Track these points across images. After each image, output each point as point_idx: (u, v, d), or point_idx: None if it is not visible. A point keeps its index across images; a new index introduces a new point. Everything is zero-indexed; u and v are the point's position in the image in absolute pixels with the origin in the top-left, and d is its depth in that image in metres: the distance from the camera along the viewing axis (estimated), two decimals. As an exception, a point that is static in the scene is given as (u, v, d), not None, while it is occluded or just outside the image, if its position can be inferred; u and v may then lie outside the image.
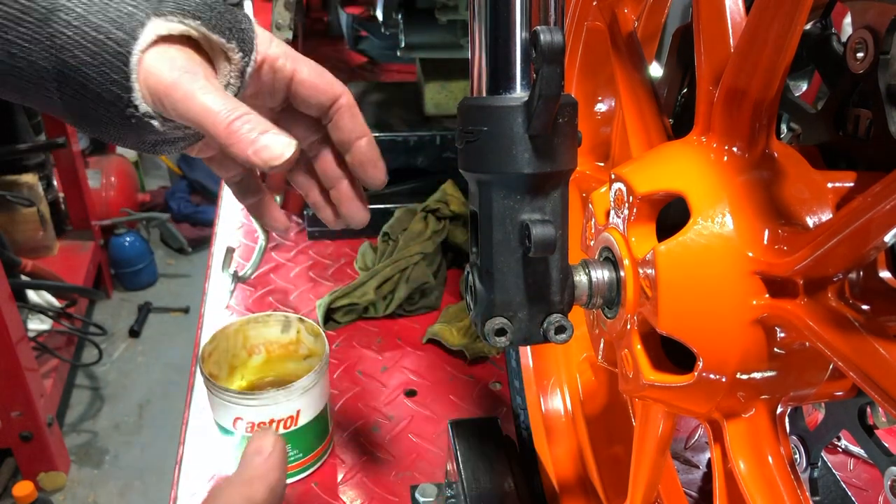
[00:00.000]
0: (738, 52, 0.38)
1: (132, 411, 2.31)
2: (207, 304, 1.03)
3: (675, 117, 0.59)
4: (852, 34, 0.43)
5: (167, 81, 0.42)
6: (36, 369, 1.86)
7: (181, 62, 0.43)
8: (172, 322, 2.72)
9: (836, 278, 0.34)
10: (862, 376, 0.31)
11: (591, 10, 0.59)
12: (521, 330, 0.41)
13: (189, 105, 0.42)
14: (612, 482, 0.63)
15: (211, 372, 0.76)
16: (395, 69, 1.75)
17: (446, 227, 1.05)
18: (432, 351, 0.95)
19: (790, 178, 0.39)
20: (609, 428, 0.65)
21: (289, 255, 1.14)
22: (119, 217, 2.71)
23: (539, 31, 0.35)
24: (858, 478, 0.77)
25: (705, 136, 0.41)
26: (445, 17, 1.27)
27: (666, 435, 0.47)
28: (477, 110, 0.40)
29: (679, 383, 0.41)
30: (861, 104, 0.44)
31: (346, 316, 0.98)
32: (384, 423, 0.83)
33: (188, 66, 0.43)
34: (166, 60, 0.43)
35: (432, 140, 1.13)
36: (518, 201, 0.40)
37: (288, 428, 0.72)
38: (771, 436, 0.41)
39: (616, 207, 0.45)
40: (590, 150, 0.66)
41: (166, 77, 0.42)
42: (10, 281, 1.72)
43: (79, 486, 2.04)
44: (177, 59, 0.43)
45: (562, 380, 0.69)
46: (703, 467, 0.78)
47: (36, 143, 2.22)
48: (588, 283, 0.44)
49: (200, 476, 0.76)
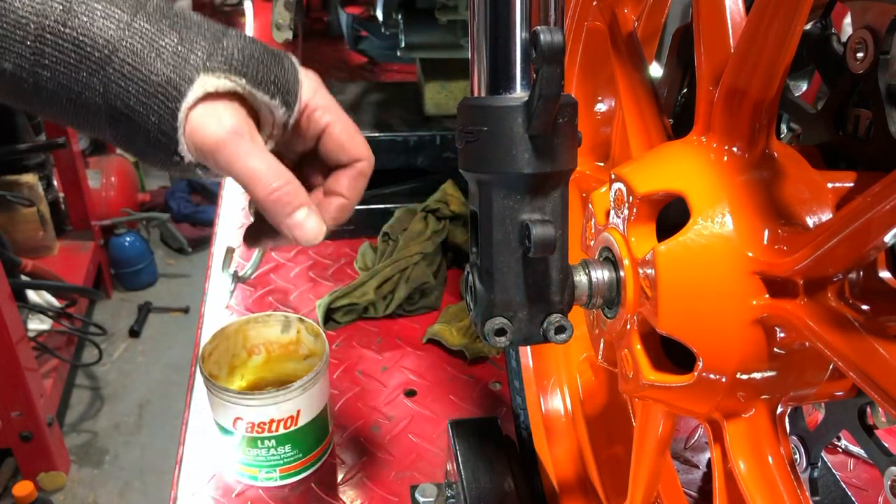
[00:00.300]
0: (738, 52, 0.38)
1: (132, 411, 2.31)
2: (207, 304, 1.03)
3: (675, 117, 0.59)
4: (852, 34, 0.43)
5: (212, 141, 0.44)
6: (36, 369, 1.86)
7: (227, 121, 0.44)
8: (172, 322, 2.71)
9: (836, 278, 0.34)
10: (862, 376, 0.31)
11: (591, 10, 0.59)
12: (521, 330, 0.41)
13: (233, 167, 0.44)
14: (612, 482, 0.63)
15: (211, 372, 0.76)
16: (395, 69, 1.75)
17: (446, 227, 1.05)
18: (432, 351, 0.95)
19: (790, 178, 0.39)
20: (609, 428, 0.65)
21: (289, 255, 1.14)
22: (119, 217, 2.71)
23: (539, 31, 0.35)
24: (858, 478, 0.77)
25: (705, 136, 0.41)
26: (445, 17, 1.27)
27: (666, 435, 0.47)
28: (477, 110, 0.40)
29: (679, 383, 0.41)
30: (861, 104, 0.44)
31: (346, 316, 0.98)
32: (384, 423, 0.83)
33: (234, 125, 0.44)
34: (213, 118, 0.44)
35: (432, 140, 1.13)
36: (518, 201, 0.40)
37: (288, 428, 0.72)
38: (771, 436, 0.41)
39: (616, 207, 0.45)
40: (590, 150, 0.66)
41: (211, 137, 0.44)
42: (10, 281, 1.72)
43: (79, 486, 2.04)
44: (223, 118, 0.44)
45: (562, 380, 0.69)
46: (703, 467, 0.78)
47: (36, 143, 2.22)
48: (588, 283, 0.44)
49: (200, 476, 0.76)
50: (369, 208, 1.16)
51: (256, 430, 0.71)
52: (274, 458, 0.73)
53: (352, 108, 1.21)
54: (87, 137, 2.65)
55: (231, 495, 0.75)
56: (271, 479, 0.75)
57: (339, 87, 1.33)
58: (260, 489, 0.75)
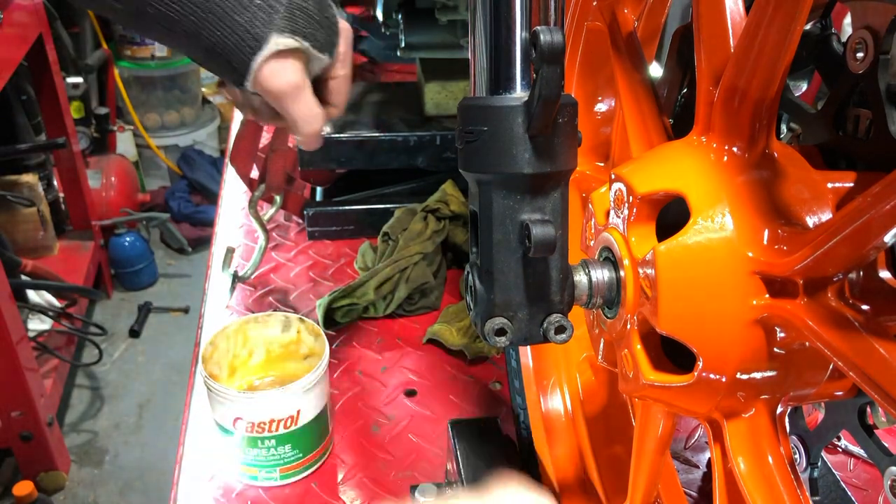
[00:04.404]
0: (738, 52, 0.38)
1: (132, 411, 2.31)
2: (207, 304, 1.03)
3: (675, 117, 0.59)
4: (852, 34, 0.43)
5: (276, 91, 0.57)
6: (36, 369, 1.85)
7: (291, 76, 0.57)
8: (172, 322, 2.71)
9: (836, 278, 0.34)
10: (862, 376, 0.31)
11: (591, 10, 0.59)
12: (521, 330, 0.41)
13: (287, 111, 0.59)
14: (612, 482, 0.63)
15: (211, 372, 0.76)
16: (395, 69, 1.75)
17: (446, 227, 1.05)
18: (432, 351, 0.95)
19: (790, 178, 0.39)
20: (609, 428, 0.65)
21: (289, 255, 1.14)
22: (119, 217, 2.71)
23: (539, 31, 0.35)
24: (858, 478, 0.77)
25: (705, 136, 0.41)
26: (445, 17, 1.27)
27: (666, 435, 0.47)
28: (477, 110, 0.40)
29: (679, 383, 0.41)
30: (861, 104, 0.44)
31: (346, 316, 0.98)
32: (384, 423, 0.83)
33: (296, 81, 0.57)
34: (280, 73, 0.57)
35: (432, 140, 1.13)
36: (518, 201, 0.40)
37: (288, 428, 0.72)
38: (771, 436, 0.41)
39: (616, 207, 0.45)
40: (590, 150, 0.66)
41: (276, 87, 0.57)
42: (10, 281, 1.72)
43: (79, 486, 2.04)
44: (289, 74, 0.57)
45: (562, 380, 0.68)
46: (703, 467, 0.78)
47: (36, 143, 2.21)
48: (588, 283, 0.44)
49: (200, 476, 0.76)
50: (369, 208, 1.16)
51: (256, 430, 0.71)
52: (274, 458, 0.73)
53: (352, 108, 1.21)
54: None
55: (231, 495, 0.75)
56: (271, 479, 0.75)
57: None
58: (260, 489, 0.75)
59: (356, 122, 1.16)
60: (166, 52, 3.12)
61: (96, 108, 2.73)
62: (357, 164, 1.14)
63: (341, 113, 0.67)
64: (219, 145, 3.44)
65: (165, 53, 3.13)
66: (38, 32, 2.07)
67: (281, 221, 1.21)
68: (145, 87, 3.21)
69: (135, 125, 3.16)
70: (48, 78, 2.20)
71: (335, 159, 1.13)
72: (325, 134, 0.63)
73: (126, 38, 3.08)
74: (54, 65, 2.21)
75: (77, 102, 2.62)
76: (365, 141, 1.12)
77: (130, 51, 3.11)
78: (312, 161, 1.13)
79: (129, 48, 3.10)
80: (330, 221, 1.16)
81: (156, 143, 3.23)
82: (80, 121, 2.64)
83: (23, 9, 1.98)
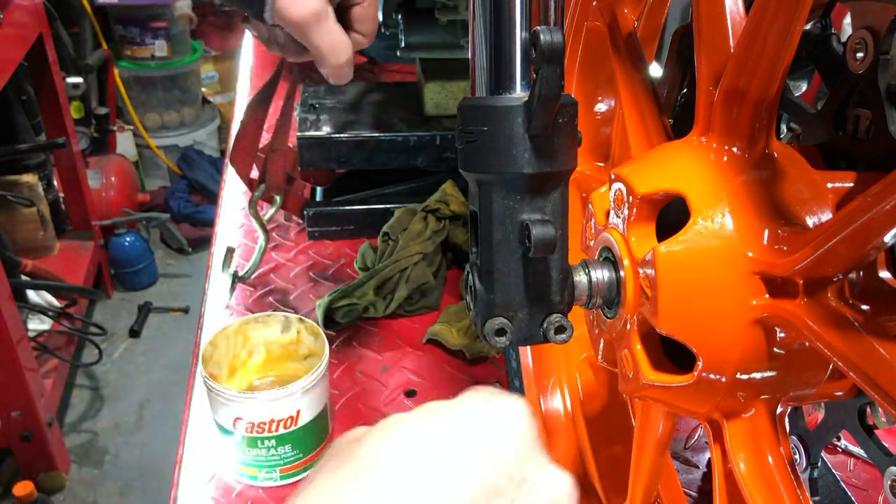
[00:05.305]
0: (738, 52, 0.38)
1: (132, 411, 2.31)
2: (207, 304, 1.03)
3: (675, 117, 0.59)
4: (852, 34, 0.43)
5: (296, 20, 0.56)
6: (36, 369, 1.85)
7: (309, 3, 0.56)
8: (172, 322, 2.71)
9: (836, 278, 0.34)
10: (862, 376, 0.31)
11: (591, 10, 0.59)
12: (521, 330, 0.41)
13: (309, 41, 0.58)
14: (612, 482, 0.63)
15: (211, 372, 0.76)
16: (395, 69, 1.75)
17: (446, 227, 1.05)
18: (432, 351, 0.95)
19: (790, 178, 0.39)
20: (609, 428, 0.65)
21: (289, 255, 1.13)
22: (119, 217, 2.71)
23: (539, 31, 0.35)
24: (858, 478, 0.77)
25: (705, 137, 0.41)
26: (445, 17, 1.27)
27: (666, 435, 0.47)
28: (477, 110, 0.40)
29: (679, 383, 0.41)
30: (861, 104, 0.44)
31: (346, 316, 0.98)
32: (384, 423, 0.83)
33: (317, 9, 0.56)
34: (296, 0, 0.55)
35: (432, 140, 1.13)
36: (518, 201, 0.40)
37: (288, 428, 0.72)
38: (771, 436, 0.41)
39: (616, 207, 0.45)
40: (590, 150, 0.66)
41: (296, 16, 0.56)
42: (10, 281, 1.72)
43: (79, 486, 2.04)
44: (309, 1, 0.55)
45: (562, 380, 0.68)
46: (703, 467, 0.78)
47: (36, 143, 2.21)
48: (588, 283, 0.44)
49: (200, 476, 0.76)
50: (369, 208, 1.16)
51: (256, 430, 0.71)
52: (274, 458, 0.73)
53: (352, 108, 1.21)
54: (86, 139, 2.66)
55: (231, 495, 0.75)
56: (271, 479, 0.75)
57: (339, 87, 1.33)
58: (260, 489, 0.75)
59: (356, 122, 1.16)
60: (166, 52, 3.12)
61: (96, 108, 2.72)
62: (357, 164, 1.14)
63: (371, 42, 0.64)
64: (219, 145, 3.44)
65: (165, 53, 3.12)
66: (38, 32, 2.07)
67: (281, 221, 1.21)
68: (145, 87, 3.21)
69: (135, 125, 3.16)
70: (48, 78, 2.19)
71: (335, 159, 1.13)
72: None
73: (126, 38, 3.08)
74: (54, 65, 2.21)
75: (77, 102, 2.61)
76: (365, 141, 1.12)
77: (130, 51, 3.10)
78: (312, 161, 1.13)
79: (128, 48, 3.10)
80: (330, 221, 1.16)
81: (156, 143, 3.23)
82: (80, 121, 2.64)
83: (23, 9, 1.98)
